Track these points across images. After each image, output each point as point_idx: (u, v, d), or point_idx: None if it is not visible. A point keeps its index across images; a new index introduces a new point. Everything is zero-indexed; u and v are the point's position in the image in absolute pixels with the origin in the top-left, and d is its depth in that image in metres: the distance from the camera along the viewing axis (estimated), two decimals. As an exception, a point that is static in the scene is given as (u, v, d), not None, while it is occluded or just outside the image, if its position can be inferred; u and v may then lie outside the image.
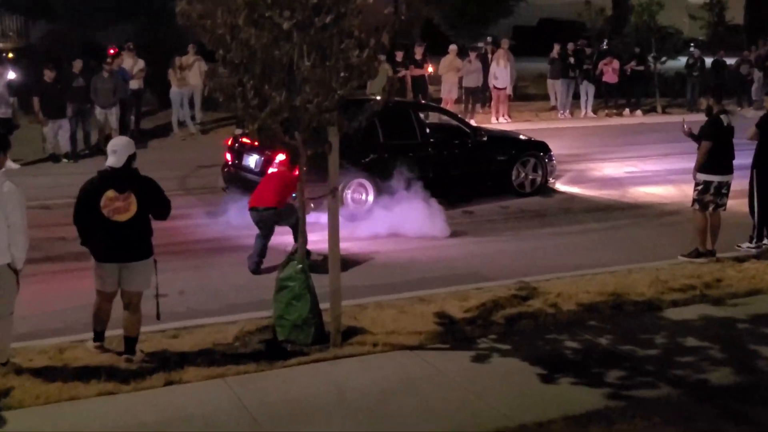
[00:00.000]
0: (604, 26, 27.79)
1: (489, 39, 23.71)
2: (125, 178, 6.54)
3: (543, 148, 13.95)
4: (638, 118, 23.35)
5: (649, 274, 9.34)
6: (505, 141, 13.93)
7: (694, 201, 10.04)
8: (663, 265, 9.81)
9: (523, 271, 9.55)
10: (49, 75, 15.56)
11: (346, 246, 9.12)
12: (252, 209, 9.48)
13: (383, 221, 10.84)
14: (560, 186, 14.42)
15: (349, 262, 9.37)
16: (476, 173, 13.02)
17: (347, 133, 6.95)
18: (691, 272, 9.43)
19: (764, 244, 10.33)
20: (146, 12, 22.29)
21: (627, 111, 23.51)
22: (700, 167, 9.89)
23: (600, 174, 15.67)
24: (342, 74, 6.63)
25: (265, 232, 9.49)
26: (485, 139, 13.39)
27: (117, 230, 6.52)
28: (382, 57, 12.89)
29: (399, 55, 19.69)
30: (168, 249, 10.09)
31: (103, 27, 23.69)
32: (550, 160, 13.91)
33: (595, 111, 23.15)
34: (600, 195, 13.96)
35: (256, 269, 9.44)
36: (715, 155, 9.77)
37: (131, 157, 6.61)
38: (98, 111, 16.52)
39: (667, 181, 14.93)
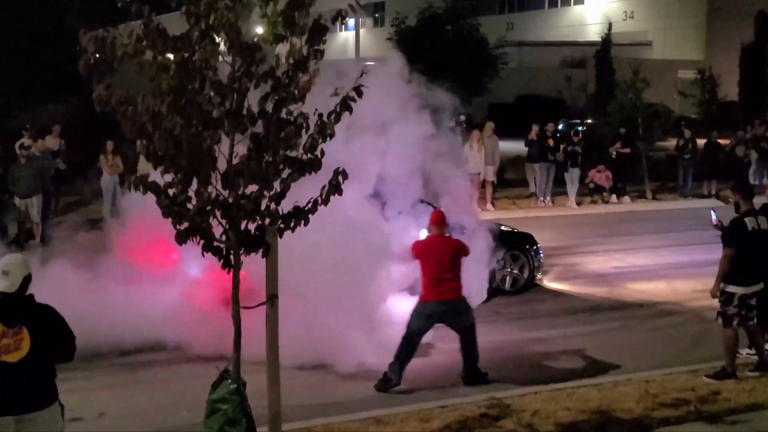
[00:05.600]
0: (587, 104, 28.30)
1: (462, 118, 23.91)
2: (17, 307, 5.86)
3: (529, 240, 14.04)
4: (626, 205, 23.57)
5: (637, 387, 9.18)
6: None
7: (718, 314, 9.66)
8: (654, 376, 9.68)
9: (495, 385, 9.39)
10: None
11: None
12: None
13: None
14: (547, 283, 14.46)
15: (298, 374, 9.18)
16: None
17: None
18: (683, 384, 9.27)
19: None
20: (80, 91, 22.42)
21: (613, 197, 23.70)
22: (723, 276, 9.45)
23: (584, 269, 15.67)
24: (280, 167, 6.54)
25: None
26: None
27: (5, 374, 5.76)
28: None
29: None
30: (85, 364, 9.84)
31: (30, 107, 23.80)
32: (537, 254, 13.99)
33: (579, 202, 23.18)
34: (584, 293, 13.93)
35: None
36: (740, 263, 9.33)
37: (27, 280, 5.94)
38: (18, 201, 16.36)
39: (659, 276, 14.96)
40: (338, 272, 9.69)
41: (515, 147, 26.47)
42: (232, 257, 6.80)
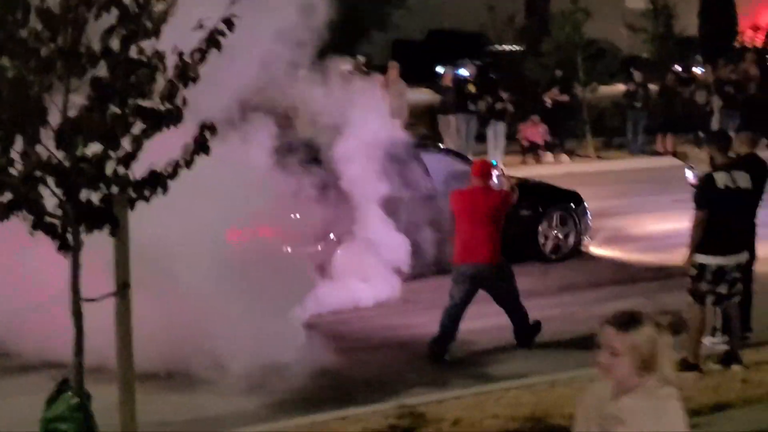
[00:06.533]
0: (516, 41, 28.62)
1: (361, 59, 23.92)
2: None
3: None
4: (564, 165, 23.99)
5: (580, 388, 9.26)
6: None
7: (689, 292, 9.90)
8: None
9: (406, 389, 9.52)
10: None
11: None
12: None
13: None
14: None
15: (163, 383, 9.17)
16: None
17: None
18: (636, 382, 9.52)
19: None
20: None
21: (549, 156, 24.04)
22: (695, 245, 9.72)
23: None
24: (131, 120, 6.47)
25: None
26: None
27: None
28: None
29: None
30: None
31: None
32: (584, 214, 14.83)
33: (505, 162, 23.35)
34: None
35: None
36: (712, 228, 9.57)
37: None
38: None
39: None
40: (218, 249, 9.64)
41: (426, 96, 26.59)
42: (70, 236, 6.71)
